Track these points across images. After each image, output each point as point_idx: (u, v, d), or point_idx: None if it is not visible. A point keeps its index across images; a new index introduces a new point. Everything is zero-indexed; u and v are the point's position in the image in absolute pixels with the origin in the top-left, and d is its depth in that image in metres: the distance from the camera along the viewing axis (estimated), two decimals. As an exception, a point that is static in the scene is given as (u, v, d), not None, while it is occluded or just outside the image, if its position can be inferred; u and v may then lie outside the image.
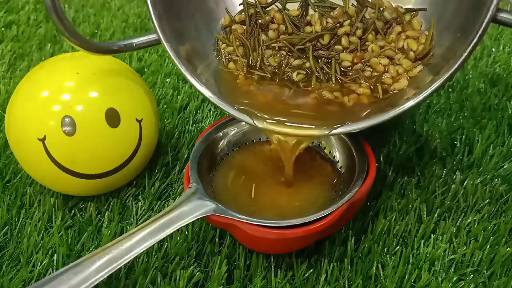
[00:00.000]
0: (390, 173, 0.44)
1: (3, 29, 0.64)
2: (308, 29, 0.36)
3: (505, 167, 0.45)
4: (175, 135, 0.48)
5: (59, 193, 0.42)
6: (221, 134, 0.42)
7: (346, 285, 0.36)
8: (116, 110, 0.38)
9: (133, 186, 0.43)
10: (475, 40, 0.29)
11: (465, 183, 0.43)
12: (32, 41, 0.62)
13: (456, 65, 0.29)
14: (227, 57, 0.37)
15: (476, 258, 0.37)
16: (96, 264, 0.31)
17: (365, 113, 0.32)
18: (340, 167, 0.40)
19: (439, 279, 0.36)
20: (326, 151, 0.42)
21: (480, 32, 0.29)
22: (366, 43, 0.35)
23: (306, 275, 0.36)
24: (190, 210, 0.34)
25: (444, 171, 0.44)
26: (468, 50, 0.29)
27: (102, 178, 0.39)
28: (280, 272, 0.36)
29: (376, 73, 0.34)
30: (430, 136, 0.48)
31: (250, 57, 0.36)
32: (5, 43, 0.61)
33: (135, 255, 0.32)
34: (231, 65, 0.37)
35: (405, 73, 0.33)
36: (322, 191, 0.40)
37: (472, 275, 0.36)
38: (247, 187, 0.40)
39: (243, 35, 0.37)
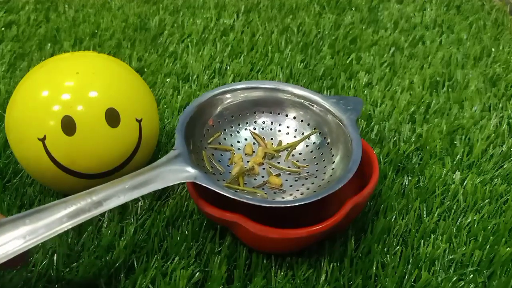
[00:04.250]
0: (390, 173, 0.44)
1: (3, 29, 0.64)
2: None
3: (504, 167, 0.45)
4: (175, 135, 0.48)
5: (59, 193, 0.42)
6: (214, 102, 0.41)
7: (346, 285, 0.36)
8: (116, 110, 0.38)
9: (133, 186, 0.43)
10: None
11: (465, 183, 0.43)
12: (32, 41, 0.62)
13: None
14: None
15: (476, 258, 0.37)
16: (61, 213, 0.30)
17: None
18: (332, 152, 0.40)
19: (439, 279, 0.36)
20: (321, 136, 0.41)
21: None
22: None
23: (306, 275, 0.36)
24: (171, 173, 0.33)
25: (444, 171, 0.44)
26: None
27: (102, 178, 0.39)
28: (280, 272, 0.36)
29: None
30: (430, 136, 0.48)
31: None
32: (5, 43, 0.61)
33: (104, 211, 0.31)
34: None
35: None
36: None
37: (472, 275, 0.36)
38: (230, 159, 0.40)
39: None
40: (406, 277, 0.36)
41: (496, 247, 0.38)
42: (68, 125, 0.37)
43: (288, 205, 0.34)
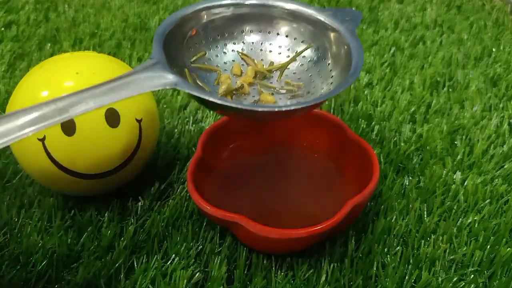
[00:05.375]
0: (390, 173, 0.44)
1: (3, 29, 0.64)
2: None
3: (505, 167, 0.45)
4: (175, 135, 0.48)
5: (59, 193, 0.42)
6: (196, 15, 0.37)
7: (347, 285, 0.35)
8: (116, 110, 0.38)
9: (133, 186, 0.43)
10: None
11: (465, 183, 0.43)
12: (32, 41, 0.62)
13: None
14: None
15: (476, 258, 0.37)
16: (21, 120, 0.28)
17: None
18: (329, 67, 0.37)
19: (440, 279, 0.36)
20: (317, 51, 0.38)
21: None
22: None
23: (307, 275, 0.36)
24: (147, 79, 0.31)
25: (444, 171, 0.44)
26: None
27: (102, 178, 0.39)
28: (281, 272, 0.36)
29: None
30: (431, 136, 0.48)
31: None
32: (5, 43, 0.61)
33: (70, 117, 0.28)
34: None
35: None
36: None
37: (472, 275, 0.36)
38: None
39: None
40: (407, 277, 0.36)
41: (496, 247, 0.38)
42: (68, 125, 0.37)
43: (284, 109, 0.31)
